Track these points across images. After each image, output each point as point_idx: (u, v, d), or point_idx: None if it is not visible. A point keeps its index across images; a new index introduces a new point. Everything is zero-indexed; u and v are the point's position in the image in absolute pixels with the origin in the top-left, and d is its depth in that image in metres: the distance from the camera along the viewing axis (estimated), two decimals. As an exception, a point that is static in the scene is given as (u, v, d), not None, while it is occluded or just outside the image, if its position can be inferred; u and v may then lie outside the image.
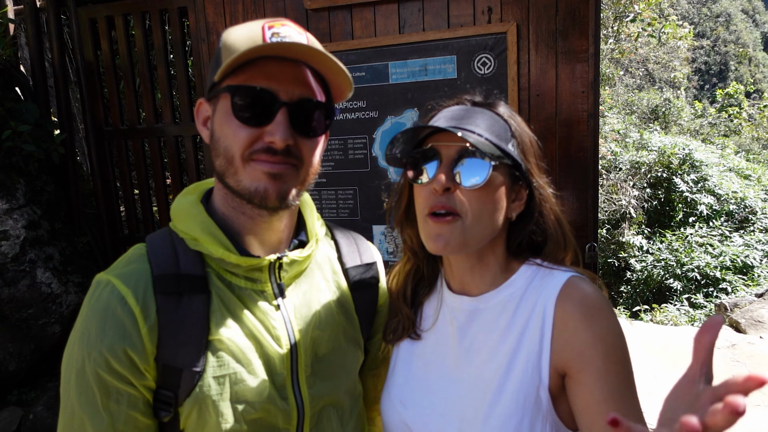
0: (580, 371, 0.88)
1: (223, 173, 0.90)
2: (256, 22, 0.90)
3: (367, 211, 2.79)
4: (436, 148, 0.95)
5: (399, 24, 2.67)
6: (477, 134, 0.93)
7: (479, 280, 1.02)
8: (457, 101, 1.04)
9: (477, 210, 0.93)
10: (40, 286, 3.21)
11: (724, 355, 4.99)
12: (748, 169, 12.71)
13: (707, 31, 42.74)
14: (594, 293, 0.92)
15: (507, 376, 0.94)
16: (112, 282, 0.87)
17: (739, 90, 20.30)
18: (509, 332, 0.96)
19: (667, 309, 8.19)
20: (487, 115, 0.98)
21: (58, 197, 3.53)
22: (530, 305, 0.96)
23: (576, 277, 0.95)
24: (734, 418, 0.44)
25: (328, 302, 1.05)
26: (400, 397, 1.07)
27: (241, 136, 0.86)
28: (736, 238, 9.82)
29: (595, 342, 0.87)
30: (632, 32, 10.06)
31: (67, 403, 0.87)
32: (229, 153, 0.88)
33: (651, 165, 10.90)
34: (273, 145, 0.86)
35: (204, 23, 2.98)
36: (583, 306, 0.90)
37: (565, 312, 0.91)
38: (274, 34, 0.87)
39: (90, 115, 3.38)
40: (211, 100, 0.93)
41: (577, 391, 0.88)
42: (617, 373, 0.86)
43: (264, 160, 0.87)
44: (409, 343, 1.11)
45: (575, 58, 2.47)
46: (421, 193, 0.98)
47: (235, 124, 0.87)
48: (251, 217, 0.93)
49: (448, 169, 0.93)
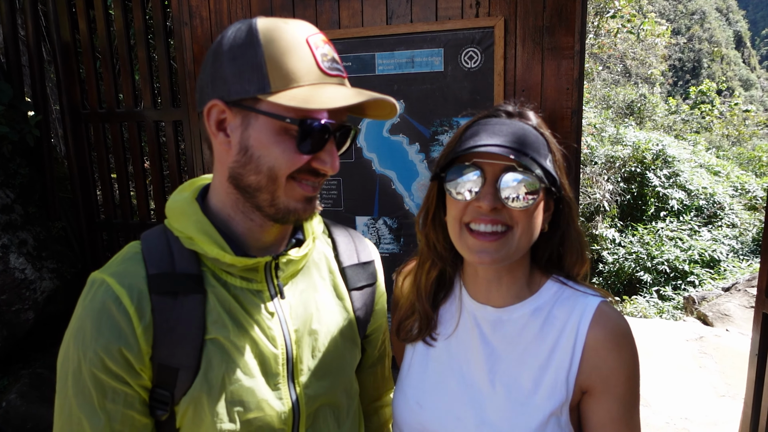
0: (602, 393, 0.98)
1: (259, 189, 0.89)
2: (293, 30, 0.86)
3: (350, 202, 2.79)
4: (480, 165, 0.95)
5: (387, 15, 2.65)
6: (523, 153, 0.93)
7: (505, 291, 1.04)
8: (492, 113, 1.04)
9: (525, 225, 0.96)
10: (14, 272, 3.13)
11: (692, 348, 5.15)
12: (718, 165, 13.06)
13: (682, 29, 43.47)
14: (623, 322, 1.00)
15: (535, 390, 0.99)
16: (106, 281, 0.86)
17: (712, 87, 20.76)
18: (538, 346, 1.00)
19: (637, 301, 8.40)
20: (527, 130, 0.99)
21: (32, 180, 3.43)
22: (560, 323, 1.00)
23: (606, 303, 1.02)
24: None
25: (324, 301, 1.05)
26: (417, 398, 1.08)
27: (294, 161, 0.86)
28: (705, 233, 10.11)
29: (620, 369, 0.97)
30: (612, 28, 10.18)
31: (64, 402, 0.86)
32: (275, 173, 0.87)
33: (625, 160, 11.12)
34: (324, 172, 0.89)
35: (187, 6, 2.91)
36: (614, 335, 0.98)
37: (597, 338, 0.98)
38: (324, 56, 0.87)
39: (66, 96, 3.28)
40: (240, 108, 0.86)
41: (595, 409, 0.98)
42: (632, 395, 0.98)
43: (306, 179, 0.89)
44: (424, 347, 1.12)
45: (561, 55, 2.49)
46: (457, 204, 0.98)
47: (290, 149, 0.86)
48: (260, 225, 0.94)
49: (494, 188, 0.93)
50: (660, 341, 5.28)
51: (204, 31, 2.91)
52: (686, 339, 5.32)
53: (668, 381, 4.51)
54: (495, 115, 1.02)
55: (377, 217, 2.76)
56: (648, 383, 4.45)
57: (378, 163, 2.72)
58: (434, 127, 2.62)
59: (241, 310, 0.92)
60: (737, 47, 56.89)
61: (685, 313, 7.24)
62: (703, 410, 4.01)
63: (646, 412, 3.99)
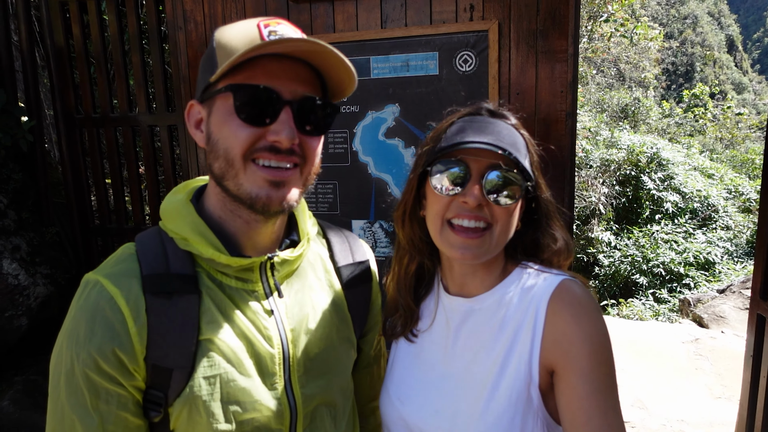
0: (565, 369, 0.91)
1: (222, 176, 0.88)
2: (249, 21, 0.89)
3: (346, 206, 2.78)
4: (466, 161, 0.96)
5: (381, 18, 2.66)
6: (509, 152, 0.94)
7: (479, 282, 1.05)
8: (475, 111, 1.04)
9: (505, 223, 0.97)
10: (7, 278, 3.11)
11: (687, 350, 5.16)
12: (712, 168, 13.13)
13: (675, 33, 43.78)
14: (584, 295, 0.96)
15: (501, 374, 0.96)
16: (100, 282, 0.85)
17: (705, 91, 20.90)
18: (502, 332, 0.99)
19: (633, 303, 8.43)
20: (510, 130, 1.00)
21: (25, 186, 3.41)
22: (524, 306, 0.98)
23: (568, 280, 0.98)
24: None
25: (320, 301, 1.05)
26: (398, 394, 1.09)
27: (243, 136, 0.85)
28: (699, 235, 10.16)
29: (582, 342, 0.90)
30: (605, 32, 10.24)
31: (57, 404, 0.86)
32: (229, 154, 0.86)
33: (620, 163, 11.16)
34: (278, 144, 0.85)
35: (181, 11, 2.91)
36: (573, 307, 0.94)
37: (556, 312, 0.94)
38: (272, 32, 0.85)
39: (60, 101, 3.27)
40: (205, 101, 0.90)
41: (562, 388, 0.91)
42: (601, 372, 0.90)
43: (267, 158, 0.85)
44: (407, 343, 1.14)
45: (555, 58, 2.50)
46: (440, 199, 0.98)
47: (237, 124, 0.85)
48: (247, 222, 0.93)
49: (479, 185, 0.95)
50: (656, 343, 5.29)
51: (198, 36, 2.91)
52: (682, 341, 5.33)
53: (664, 383, 4.52)
54: (478, 113, 1.03)
55: (373, 221, 2.76)
56: (644, 385, 4.45)
57: (374, 167, 2.72)
58: (429, 130, 2.62)
59: (237, 310, 0.92)
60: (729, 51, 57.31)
61: (680, 316, 7.26)
62: (699, 412, 4.02)
63: (641, 414, 3.99)
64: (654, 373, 4.69)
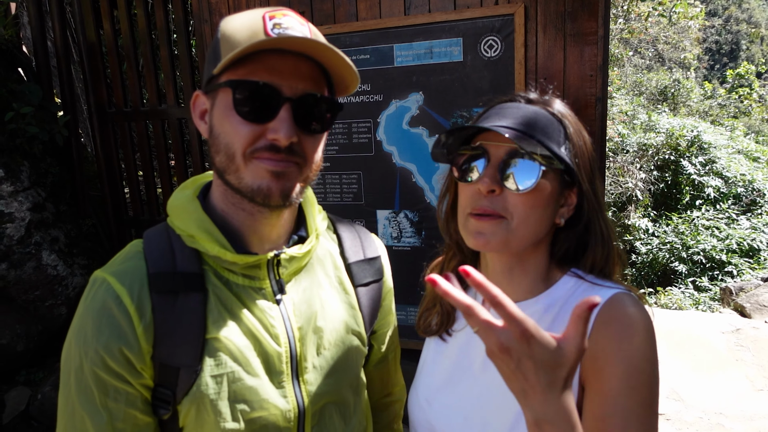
0: (592, 386, 0.85)
1: (223, 170, 0.88)
2: (256, 11, 0.88)
3: (371, 196, 2.77)
4: (485, 147, 0.92)
5: (404, 5, 2.62)
6: (528, 135, 0.89)
7: (517, 285, 0.99)
8: (511, 98, 1.00)
9: (523, 214, 0.90)
10: (46, 268, 3.23)
11: (728, 340, 4.99)
12: (758, 151, 12.57)
13: (719, 10, 41.90)
14: (635, 312, 0.87)
15: None
16: (107, 280, 0.86)
17: (750, 70, 19.98)
18: None
19: (671, 292, 8.18)
20: (541, 115, 0.94)
21: (62, 179, 3.53)
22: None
23: (621, 294, 0.91)
24: None
25: (329, 298, 1.03)
26: (426, 396, 1.07)
27: (242, 133, 0.84)
28: (743, 221, 9.76)
29: (618, 361, 0.83)
30: (642, 11, 9.88)
31: (67, 400, 0.87)
32: (230, 150, 0.85)
33: (659, 147, 10.80)
34: (276, 143, 0.83)
35: (206, 3, 2.93)
36: (619, 324, 0.86)
37: (601, 328, 0.87)
38: (276, 25, 0.84)
39: (93, 96, 3.36)
40: (209, 93, 0.89)
41: (584, 405, 0.86)
42: (630, 398, 0.81)
43: (267, 158, 0.84)
44: (438, 343, 1.10)
45: (584, 41, 2.42)
46: (465, 191, 0.95)
47: (237, 120, 0.84)
48: (251, 214, 0.91)
49: (495, 170, 0.91)
50: (694, 333, 5.13)
51: (224, 28, 2.93)
52: (722, 331, 5.16)
53: (702, 374, 4.38)
54: (513, 100, 0.99)
55: (398, 211, 2.74)
56: (680, 376, 4.33)
57: (398, 156, 2.69)
58: (454, 118, 2.58)
59: (244, 308, 0.91)
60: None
61: (721, 305, 7.02)
62: (738, 405, 3.89)
63: (677, 407, 3.89)
64: (691, 364, 4.55)
